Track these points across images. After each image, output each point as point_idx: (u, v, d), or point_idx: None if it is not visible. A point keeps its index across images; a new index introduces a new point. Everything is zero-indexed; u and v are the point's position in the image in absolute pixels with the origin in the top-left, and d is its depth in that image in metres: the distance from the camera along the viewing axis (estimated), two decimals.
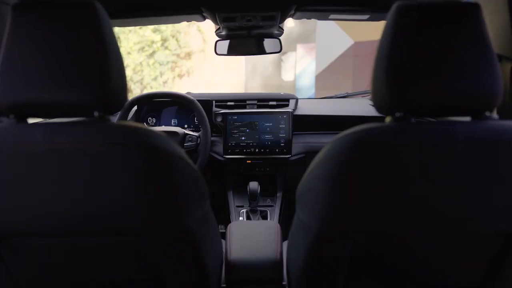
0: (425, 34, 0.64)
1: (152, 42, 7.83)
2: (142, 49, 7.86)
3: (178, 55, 8.19)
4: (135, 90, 7.91)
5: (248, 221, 1.55)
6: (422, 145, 0.64)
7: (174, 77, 8.33)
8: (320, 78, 7.33)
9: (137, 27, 7.61)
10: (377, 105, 0.70)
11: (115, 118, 1.59)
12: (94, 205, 0.65)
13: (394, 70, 0.64)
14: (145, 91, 4.48)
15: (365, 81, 5.90)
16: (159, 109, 1.79)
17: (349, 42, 6.54)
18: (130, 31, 7.68)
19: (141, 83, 7.99)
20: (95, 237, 0.70)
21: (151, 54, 7.92)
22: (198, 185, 0.74)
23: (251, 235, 1.08)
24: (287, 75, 8.50)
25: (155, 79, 8.03)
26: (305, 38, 7.89)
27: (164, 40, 7.91)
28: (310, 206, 0.73)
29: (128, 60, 7.75)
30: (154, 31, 7.77)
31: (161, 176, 0.66)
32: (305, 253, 0.77)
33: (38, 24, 0.62)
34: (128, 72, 7.77)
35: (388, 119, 0.70)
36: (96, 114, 0.66)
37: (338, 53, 6.80)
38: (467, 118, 0.69)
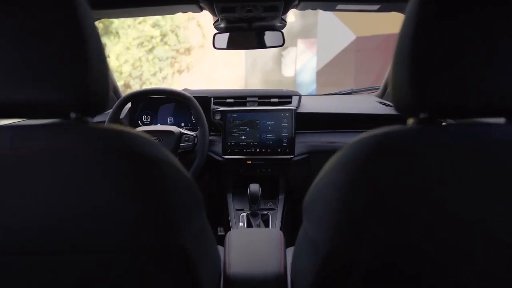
0: (454, 23, 0.56)
1: (151, 37, 7.83)
2: (141, 44, 7.86)
3: (177, 51, 8.18)
4: (134, 86, 7.91)
5: (249, 228, 1.48)
6: (448, 147, 0.57)
7: (173, 73, 8.32)
8: (321, 73, 7.31)
9: (136, 22, 7.59)
10: (397, 105, 0.62)
11: (105, 118, 1.51)
12: (71, 218, 0.57)
13: (418, 66, 0.57)
14: (144, 87, 4.44)
15: (368, 77, 5.86)
16: (155, 106, 1.72)
17: (351, 36, 6.48)
18: (129, 26, 7.66)
19: (140, 79, 7.97)
20: (73, 255, 0.63)
21: (151, 50, 7.92)
22: (192, 194, 0.67)
23: (252, 244, 1.01)
24: (288, 71, 8.48)
25: (154, 74, 8.02)
26: (306, 33, 7.86)
27: (164, 35, 7.91)
28: (317, 216, 0.66)
29: (127, 55, 7.76)
30: (153, 26, 7.75)
31: (149, 185, 0.59)
32: (312, 266, 0.70)
33: (5, 12, 0.54)
34: (127, 68, 7.78)
35: (410, 120, 0.62)
36: (73, 115, 0.58)
37: (340, 48, 6.76)
38: (500, 120, 0.61)
